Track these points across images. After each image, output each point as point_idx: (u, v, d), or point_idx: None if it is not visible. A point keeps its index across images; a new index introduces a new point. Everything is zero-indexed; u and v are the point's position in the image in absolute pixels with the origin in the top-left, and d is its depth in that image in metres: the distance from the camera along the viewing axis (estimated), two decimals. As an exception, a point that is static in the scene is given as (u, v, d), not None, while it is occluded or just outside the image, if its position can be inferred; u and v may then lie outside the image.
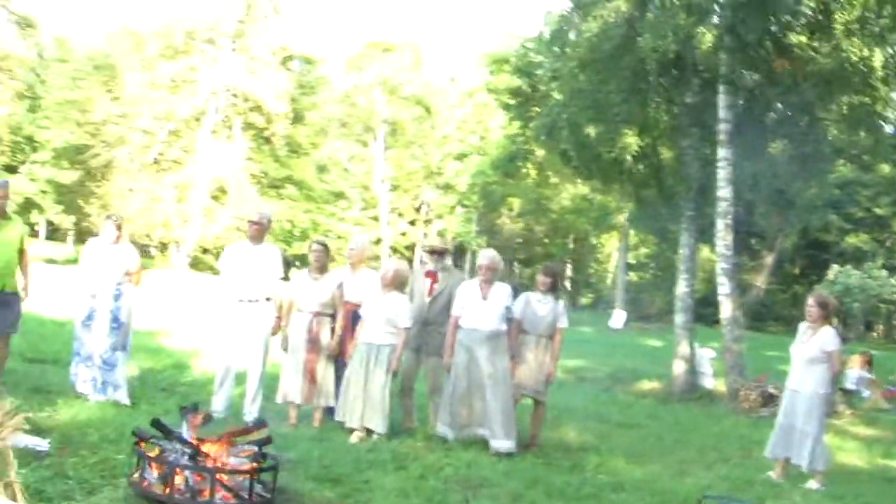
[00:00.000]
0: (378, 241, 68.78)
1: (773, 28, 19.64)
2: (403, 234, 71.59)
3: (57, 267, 41.51)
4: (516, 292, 10.88)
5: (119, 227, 11.03)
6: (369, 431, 10.10)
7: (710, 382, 21.39)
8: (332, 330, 10.62)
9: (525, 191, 62.42)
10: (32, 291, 10.79)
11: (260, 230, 10.93)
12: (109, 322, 10.67)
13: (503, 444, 10.09)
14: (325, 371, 10.60)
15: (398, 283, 10.50)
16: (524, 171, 58.66)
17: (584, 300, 72.93)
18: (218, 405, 10.59)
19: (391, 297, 10.40)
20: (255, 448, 6.97)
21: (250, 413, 10.46)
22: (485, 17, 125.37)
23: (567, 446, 11.41)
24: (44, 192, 62.77)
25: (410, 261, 58.95)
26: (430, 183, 71.02)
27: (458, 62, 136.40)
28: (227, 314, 10.77)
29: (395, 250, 67.00)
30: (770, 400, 17.69)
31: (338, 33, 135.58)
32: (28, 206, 61.60)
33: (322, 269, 10.80)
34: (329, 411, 10.68)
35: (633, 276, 64.15)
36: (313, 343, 10.54)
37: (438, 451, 9.78)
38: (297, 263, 50.07)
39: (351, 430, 10.14)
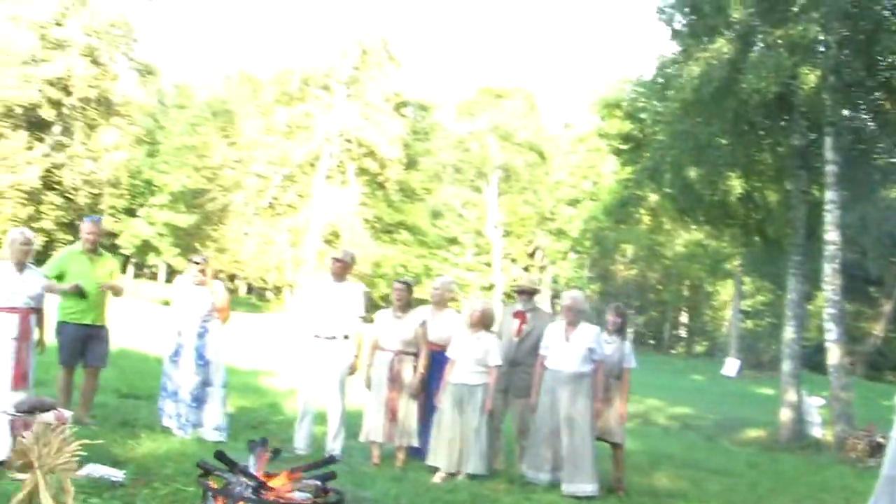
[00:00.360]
0: (491, 287, 68.76)
1: (880, 67, 19.23)
2: (516, 279, 71.31)
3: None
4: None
5: (203, 268, 11.11)
6: (453, 475, 9.96)
7: (818, 431, 20.89)
8: (415, 368, 10.51)
9: (638, 237, 61.83)
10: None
11: (343, 267, 10.88)
12: (195, 359, 10.75)
13: (577, 487, 9.86)
14: (408, 410, 10.48)
15: (486, 322, 10.37)
16: (636, 216, 58.15)
17: (698, 348, 72.03)
18: (299, 442, 10.57)
19: (480, 336, 10.27)
20: (318, 483, 6.88)
21: (333, 451, 10.37)
22: (600, 61, 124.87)
23: (656, 492, 11.13)
24: (161, 234, 63.99)
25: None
26: (543, 228, 70.77)
27: (572, 107, 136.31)
28: (305, 351, 10.73)
29: (508, 297, 66.78)
30: (878, 450, 17.12)
31: (451, 79, 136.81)
32: (146, 248, 62.91)
33: (405, 308, 10.71)
34: (414, 451, 10.57)
35: (748, 323, 63.09)
36: (395, 381, 10.44)
37: (518, 493, 9.60)
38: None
39: (435, 471, 10.00)
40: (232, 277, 67.37)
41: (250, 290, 77.54)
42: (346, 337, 10.60)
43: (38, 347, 9.75)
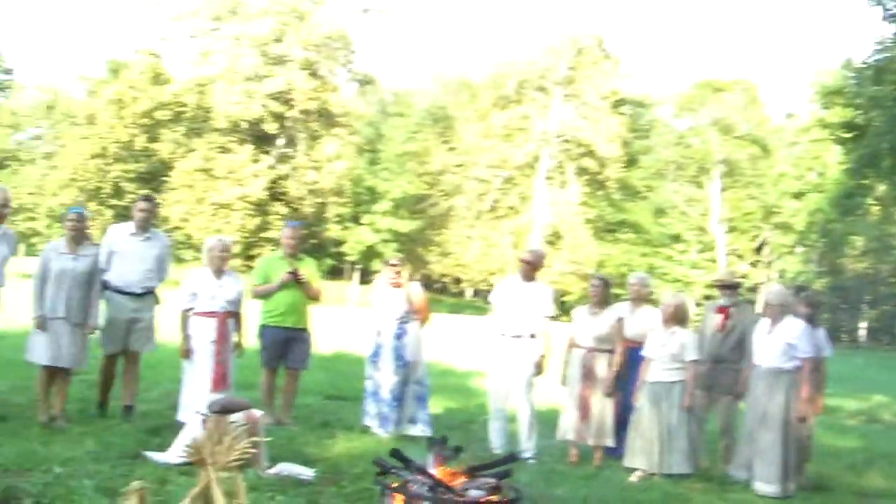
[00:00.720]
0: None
1: None
2: (744, 276, 69.89)
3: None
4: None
5: (399, 270, 11.21)
6: (652, 475, 9.76)
7: None
8: (609, 365, 10.34)
9: (867, 228, 59.71)
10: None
11: (531, 268, 10.79)
12: (393, 360, 10.87)
13: (761, 486, 9.56)
14: (603, 408, 10.30)
15: (679, 318, 10.13)
16: (864, 207, 56.20)
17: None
18: (495, 441, 10.51)
19: (674, 332, 10.04)
20: (494, 480, 6.80)
21: (527, 450, 10.29)
22: (823, 48, 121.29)
23: (865, 491, 10.61)
24: (385, 241, 65.11)
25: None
26: (768, 222, 69.10)
27: (795, 97, 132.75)
28: (494, 349, 10.69)
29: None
30: None
31: (669, 74, 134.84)
32: (370, 254, 64.04)
33: (601, 304, 10.55)
34: (612, 451, 10.41)
35: None
36: (588, 378, 10.29)
37: (713, 493, 9.34)
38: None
39: (632, 471, 9.82)
40: (457, 281, 68.11)
41: (476, 293, 78.24)
42: (532, 336, 10.50)
43: (237, 350, 10.04)
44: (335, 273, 72.12)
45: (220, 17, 60.40)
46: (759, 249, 71.28)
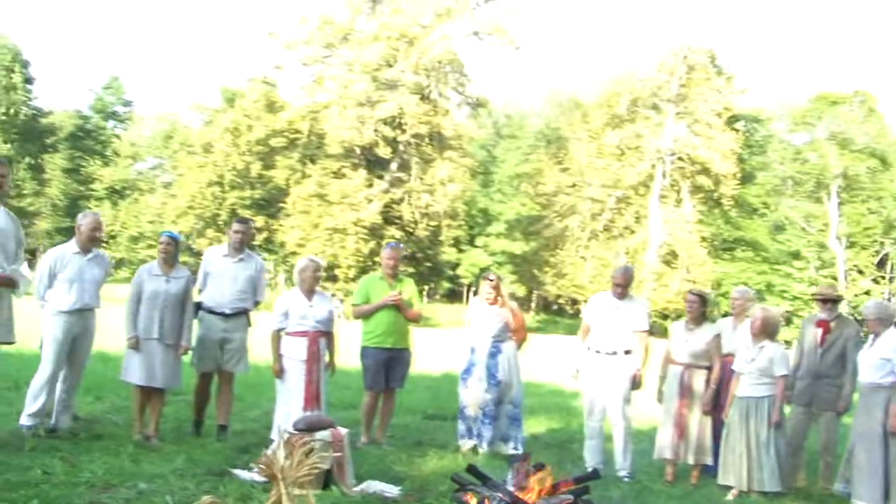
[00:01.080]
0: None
1: None
2: (867, 292, 68.40)
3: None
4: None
5: (496, 287, 11.19)
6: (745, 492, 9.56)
7: None
8: (707, 382, 10.16)
9: None
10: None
11: (622, 287, 10.62)
12: (486, 378, 10.84)
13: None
14: (701, 426, 10.13)
15: (768, 331, 9.91)
16: None
17: None
18: (589, 460, 10.38)
19: (763, 346, 9.83)
20: (572, 498, 6.73)
21: (623, 468, 10.17)
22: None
23: None
24: (499, 263, 65.13)
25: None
26: (891, 237, 67.58)
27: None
28: (588, 366, 10.57)
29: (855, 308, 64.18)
30: None
31: (783, 88, 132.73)
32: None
33: (697, 320, 10.38)
34: (710, 469, 10.22)
35: None
36: (685, 395, 10.13)
37: (813, 511, 9.14)
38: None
39: (728, 489, 9.63)
40: (573, 302, 67.80)
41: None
42: (627, 352, 10.37)
43: (329, 369, 10.09)
44: (451, 296, 72.38)
45: (331, 44, 61.23)
46: (880, 264, 69.73)
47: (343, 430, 8.41)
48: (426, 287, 69.26)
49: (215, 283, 10.29)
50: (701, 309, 10.46)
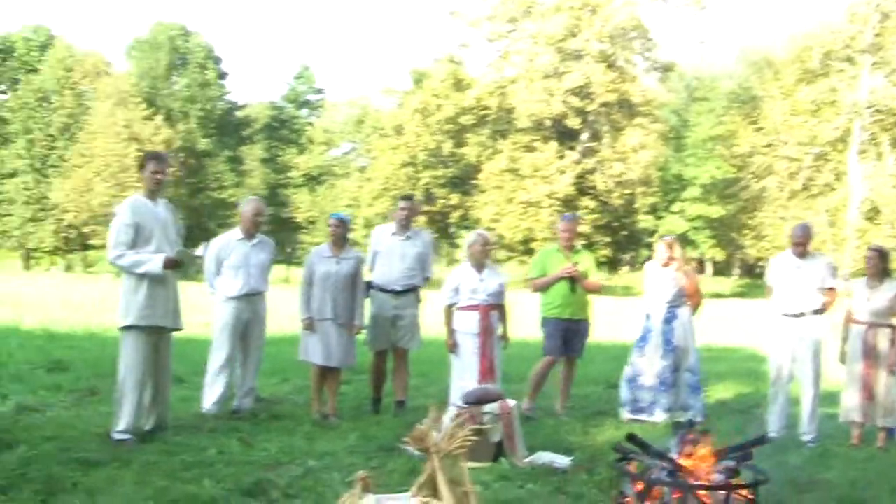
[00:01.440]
0: None
1: None
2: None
3: (721, 301, 44.12)
4: None
5: (671, 248, 11.08)
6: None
7: None
8: (892, 342, 9.80)
9: None
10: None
11: (802, 245, 10.34)
12: (662, 344, 10.77)
13: None
14: (887, 387, 9.78)
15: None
16: None
17: None
18: (773, 424, 10.14)
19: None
20: (734, 464, 6.60)
21: (809, 433, 9.91)
22: None
23: None
24: (696, 228, 64.19)
25: None
26: None
27: None
28: (775, 329, 10.34)
29: None
30: None
31: None
32: (683, 242, 63.28)
33: (878, 277, 10.04)
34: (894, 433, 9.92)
35: None
36: (869, 356, 9.82)
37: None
38: None
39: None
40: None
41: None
42: (815, 312, 10.10)
43: (503, 342, 10.15)
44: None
45: (515, 18, 61.30)
46: None
47: (512, 402, 8.45)
48: (625, 256, 68.80)
49: (384, 261, 10.47)
50: (881, 265, 10.13)
